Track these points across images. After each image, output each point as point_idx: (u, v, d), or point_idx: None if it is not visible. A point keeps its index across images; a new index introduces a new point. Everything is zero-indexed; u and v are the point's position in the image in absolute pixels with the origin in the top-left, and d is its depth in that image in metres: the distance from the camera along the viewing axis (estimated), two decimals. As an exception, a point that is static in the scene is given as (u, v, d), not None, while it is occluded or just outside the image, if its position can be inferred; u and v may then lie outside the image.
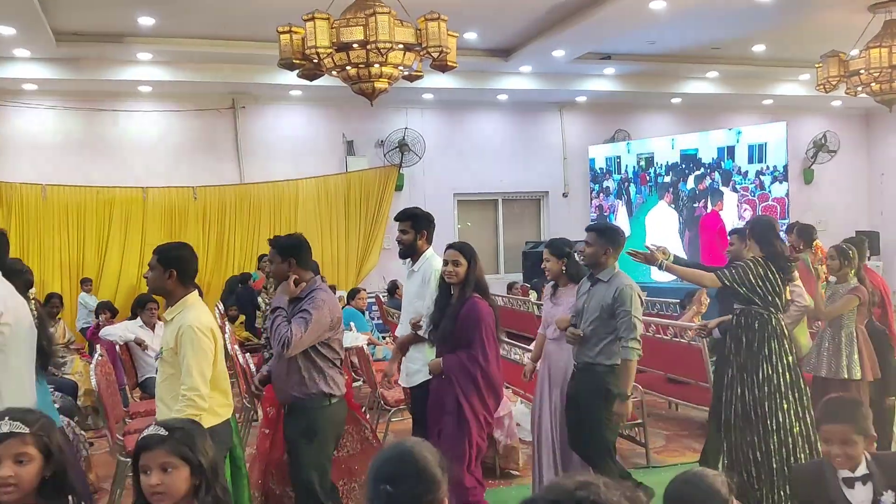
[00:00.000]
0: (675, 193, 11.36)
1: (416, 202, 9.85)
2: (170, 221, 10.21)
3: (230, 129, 10.74)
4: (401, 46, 5.12)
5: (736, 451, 4.01)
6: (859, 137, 13.93)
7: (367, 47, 5.03)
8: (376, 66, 5.13)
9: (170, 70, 9.43)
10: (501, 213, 12.54)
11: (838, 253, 4.73)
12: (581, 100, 12.05)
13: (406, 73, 5.40)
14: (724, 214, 10.75)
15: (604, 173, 12.14)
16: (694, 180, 11.18)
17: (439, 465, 1.67)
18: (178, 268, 3.29)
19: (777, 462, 3.87)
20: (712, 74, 11.26)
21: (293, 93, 10.55)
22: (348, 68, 5.18)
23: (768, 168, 10.57)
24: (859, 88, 7.42)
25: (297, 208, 10.83)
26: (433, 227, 4.30)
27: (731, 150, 10.92)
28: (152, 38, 8.63)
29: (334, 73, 5.31)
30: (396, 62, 5.17)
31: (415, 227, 4.20)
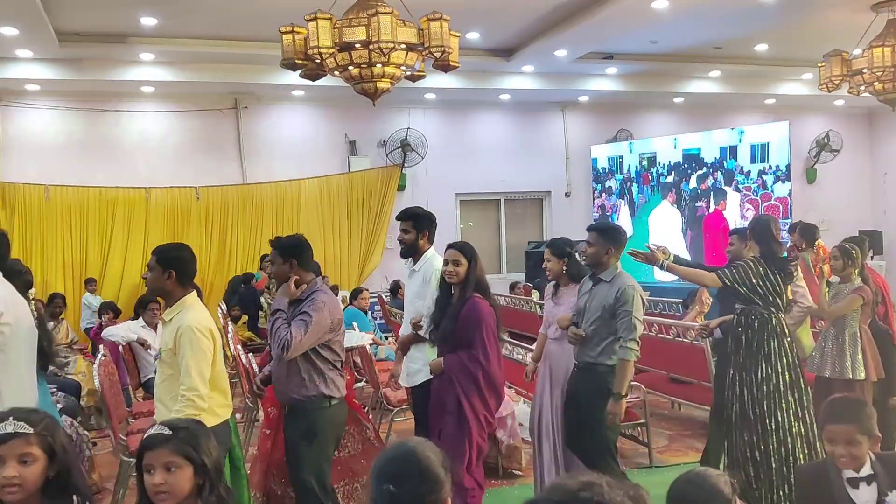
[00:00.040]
0: (677, 193, 11.35)
1: (418, 202, 9.83)
2: (172, 222, 10.22)
3: (233, 129, 10.74)
4: (403, 46, 5.11)
5: (735, 450, 4.00)
6: (862, 137, 13.89)
7: (370, 47, 5.02)
8: (379, 66, 5.12)
9: (172, 70, 9.43)
10: (504, 212, 12.53)
11: (842, 253, 4.72)
12: (583, 99, 12.03)
13: (408, 73, 5.40)
14: (728, 214, 10.74)
15: (606, 173, 12.13)
16: (696, 180, 11.17)
17: (442, 465, 1.67)
18: (178, 268, 3.28)
19: (776, 461, 3.87)
20: (715, 74, 11.23)
21: (295, 93, 10.56)
22: (351, 68, 5.18)
23: (771, 167, 10.55)
24: (862, 88, 7.41)
25: (300, 208, 10.83)
26: (435, 226, 4.30)
27: (733, 150, 10.90)
28: (155, 39, 8.64)
29: (336, 73, 5.31)
30: (399, 62, 5.17)
31: (416, 226, 4.20)
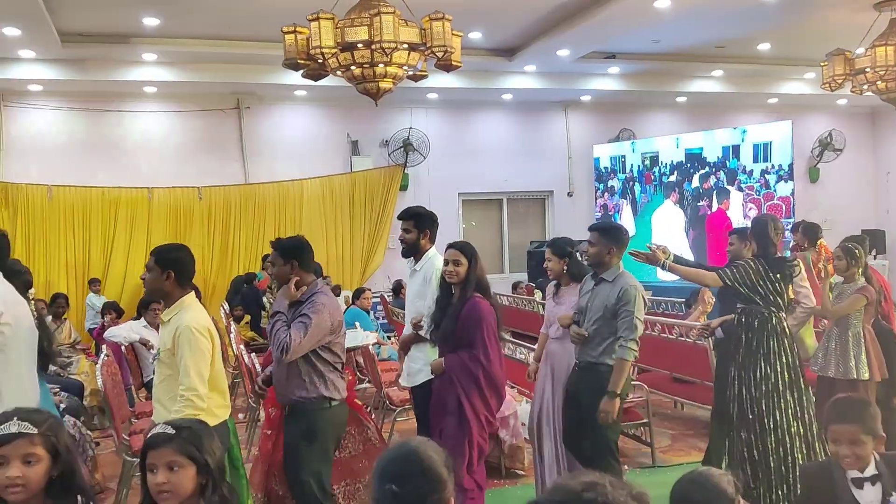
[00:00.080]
0: (680, 193, 11.34)
1: (420, 202, 9.83)
2: (175, 221, 10.22)
3: (235, 129, 10.75)
4: (405, 46, 5.11)
5: (734, 449, 4.00)
6: (865, 136, 13.87)
7: (372, 47, 5.02)
8: (381, 65, 5.12)
9: (175, 70, 9.44)
10: (506, 212, 12.53)
11: (845, 253, 4.71)
12: (585, 99, 12.03)
13: (410, 72, 5.39)
14: (731, 213, 10.73)
15: (608, 172, 12.12)
16: (699, 179, 11.16)
17: (445, 465, 1.67)
18: (176, 269, 3.28)
19: (774, 461, 3.86)
20: (717, 73, 11.22)
21: (298, 93, 10.56)
22: (353, 68, 5.18)
23: (773, 167, 10.54)
24: (865, 87, 7.39)
25: (302, 208, 10.83)
26: (436, 226, 4.29)
27: (736, 149, 10.89)
28: (157, 39, 8.65)
29: (339, 73, 5.31)
30: (401, 62, 5.17)
31: (418, 226, 4.18)
